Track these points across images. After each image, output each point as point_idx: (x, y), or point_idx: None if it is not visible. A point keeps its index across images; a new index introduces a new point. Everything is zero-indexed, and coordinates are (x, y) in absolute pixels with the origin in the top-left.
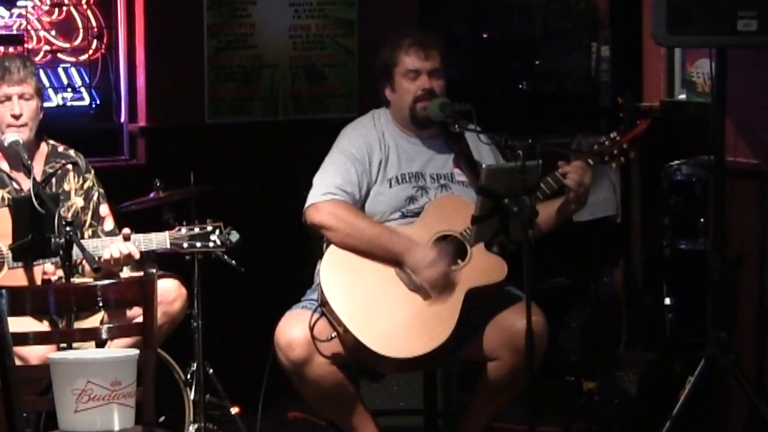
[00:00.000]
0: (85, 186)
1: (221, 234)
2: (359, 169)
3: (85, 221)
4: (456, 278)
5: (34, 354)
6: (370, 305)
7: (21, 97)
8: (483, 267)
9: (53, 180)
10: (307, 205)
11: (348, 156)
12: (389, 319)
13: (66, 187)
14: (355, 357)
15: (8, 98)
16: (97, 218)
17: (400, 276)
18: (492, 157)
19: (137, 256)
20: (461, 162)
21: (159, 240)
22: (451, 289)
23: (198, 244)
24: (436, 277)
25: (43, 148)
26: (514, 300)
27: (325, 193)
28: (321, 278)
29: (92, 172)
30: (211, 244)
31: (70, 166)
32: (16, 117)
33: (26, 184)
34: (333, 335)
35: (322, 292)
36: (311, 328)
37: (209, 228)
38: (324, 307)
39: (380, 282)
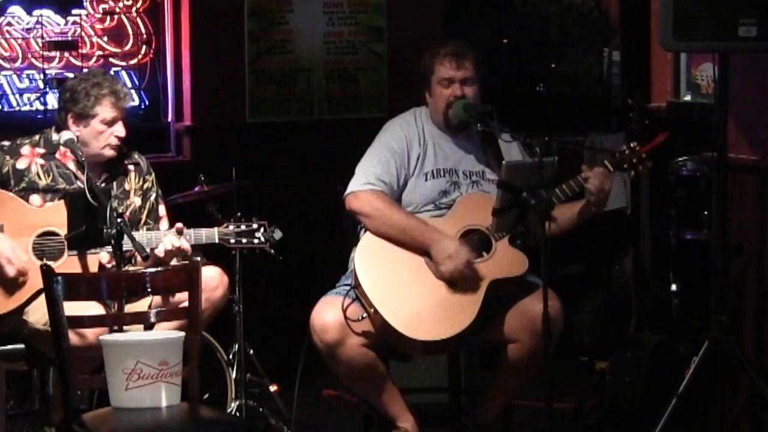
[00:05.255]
0: (144, 186)
1: (265, 232)
2: (398, 162)
3: (141, 219)
4: (480, 270)
5: (90, 330)
6: (400, 290)
7: (124, 119)
8: (506, 260)
9: (114, 181)
10: (347, 192)
11: (389, 149)
12: (416, 304)
13: (126, 186)
14: (384, 338)
15: (116, 121)
16: (154, 217)
17: (429, 265)
18: (520, 156)
19: (189, 251)
20: (493, 161)
21: (208, 235)
22: (475, 279)
23: (244, 240)
24: (452, 269)
25: None
26: (533, 287)
27: (365, 183)
28: (355, 262)
29: (153, 174)
30: (255, 241)
31: (131, 167)
32: (122, 139)
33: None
34: (363, 315)
35: (355, 275)
36: (344, 310)
37: (255, 226)
38: (357, 289)
39: (410, 269)
